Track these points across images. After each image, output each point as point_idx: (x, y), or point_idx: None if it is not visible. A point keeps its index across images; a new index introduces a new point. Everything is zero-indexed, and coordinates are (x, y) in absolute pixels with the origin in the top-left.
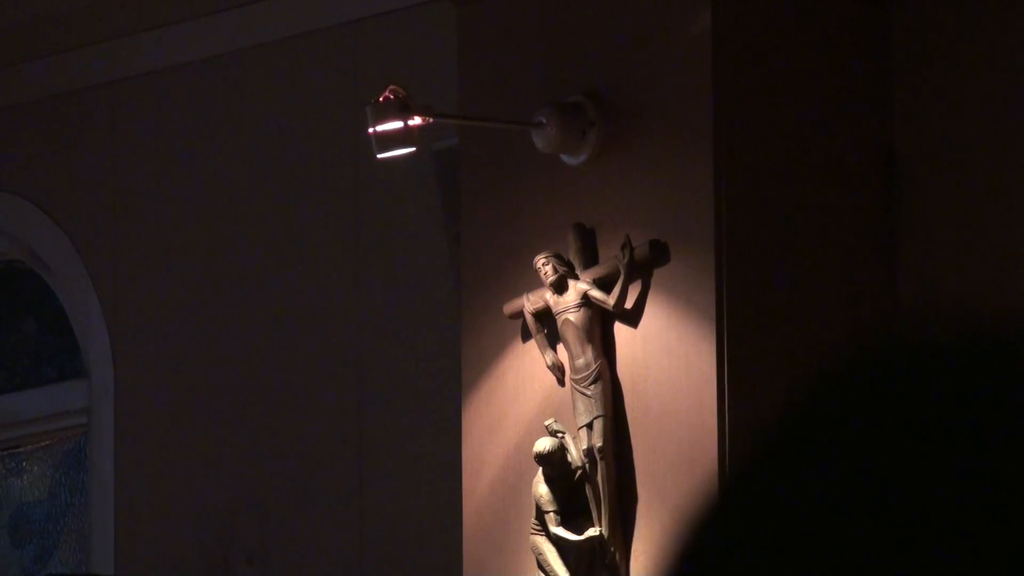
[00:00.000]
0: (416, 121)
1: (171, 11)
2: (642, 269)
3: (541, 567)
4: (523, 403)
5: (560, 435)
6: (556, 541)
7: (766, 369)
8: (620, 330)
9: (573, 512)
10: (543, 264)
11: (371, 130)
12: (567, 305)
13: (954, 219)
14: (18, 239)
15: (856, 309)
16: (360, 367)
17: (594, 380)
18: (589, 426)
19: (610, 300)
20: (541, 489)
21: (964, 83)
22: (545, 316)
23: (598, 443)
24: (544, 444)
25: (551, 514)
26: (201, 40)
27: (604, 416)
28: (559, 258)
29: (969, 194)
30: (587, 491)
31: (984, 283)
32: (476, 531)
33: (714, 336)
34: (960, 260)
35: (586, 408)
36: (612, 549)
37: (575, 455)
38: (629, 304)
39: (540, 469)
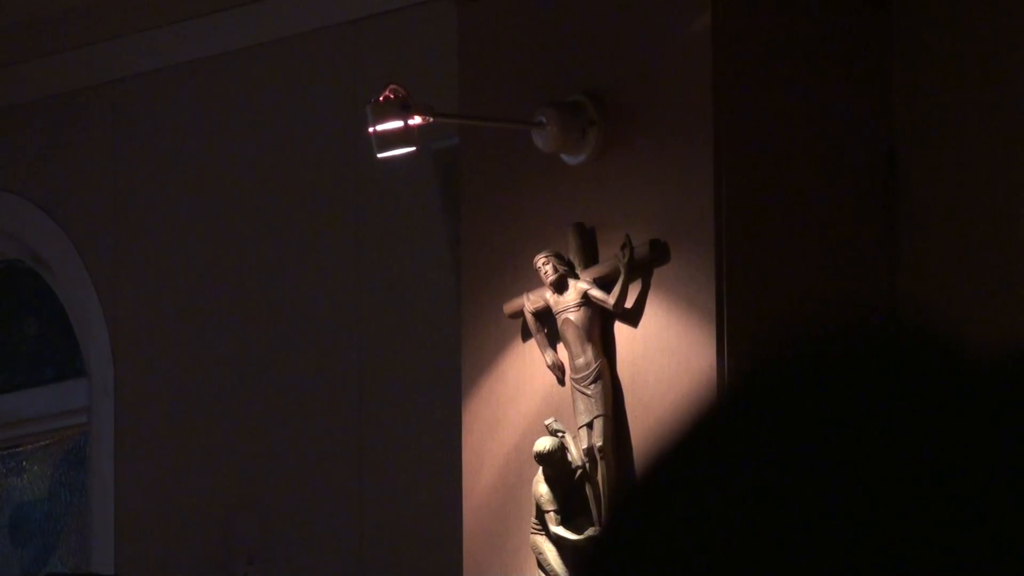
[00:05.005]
0: (416, 121)
1: (171, 11)
2: (642, 269)
3: (541, 567)
4: (523, 403)
5: (560, 434)
6: (556, 541)
7: None
8: (620, 330)
9: (573, 512)
10: (543, 263)
11: (371, 130)
12: (567, 304)
13: (954, 219)
14: (18, 239)
15: (856, 309)
16: (360, 367)
17: (594, 379)
18: (589, 425)
19: (610, 299)
20: (541, 489)
21: (964, 83)
22: (545, 315)
23: (598, 442)
24: (544, 443)
25: (551, 513)
26: (201, 40)
27: (604, 415)
28: (559, 257)
29: (969, 194)
30: (587, 491)
31: (984, 283)
32: (476, 531)
33: (714, 336)
34: (960, 260)
35: (586, 407)
36: None
37: (575, 454)
38: (629, 304)
39: (540, 469)
